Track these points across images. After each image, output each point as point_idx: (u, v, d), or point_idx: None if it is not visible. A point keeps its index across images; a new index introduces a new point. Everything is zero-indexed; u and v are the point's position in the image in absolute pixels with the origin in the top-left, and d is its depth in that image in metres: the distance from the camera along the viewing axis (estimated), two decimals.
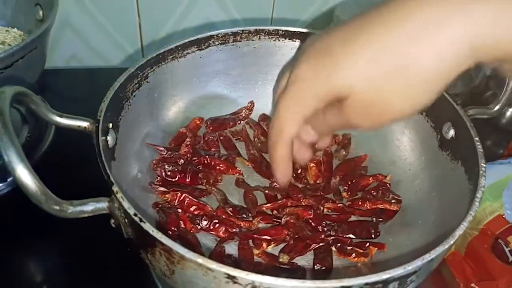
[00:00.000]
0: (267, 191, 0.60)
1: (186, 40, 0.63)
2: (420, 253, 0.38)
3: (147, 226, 0.37)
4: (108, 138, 0.50)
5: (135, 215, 0.38)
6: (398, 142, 0.66)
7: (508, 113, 0.84)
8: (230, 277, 0.35)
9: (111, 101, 0.52)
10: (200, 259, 0.35)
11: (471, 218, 0.41)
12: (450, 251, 0.61)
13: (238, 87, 0.72)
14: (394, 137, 0.67)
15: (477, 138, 0.50)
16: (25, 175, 0.33)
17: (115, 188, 0.40)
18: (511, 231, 0.58)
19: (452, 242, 0.39)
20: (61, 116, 0.46)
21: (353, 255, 0.52)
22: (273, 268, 0.51)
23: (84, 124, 0.47)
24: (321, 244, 0.54)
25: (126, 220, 0.40)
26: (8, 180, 0.67)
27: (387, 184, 0.62)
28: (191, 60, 0.65)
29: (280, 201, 0.59)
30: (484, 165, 0.46)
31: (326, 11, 0.96)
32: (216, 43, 0.67)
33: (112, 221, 0.41)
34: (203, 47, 0.66)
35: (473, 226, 0.59)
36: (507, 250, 0.57)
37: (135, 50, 0.96)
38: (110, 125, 0.51)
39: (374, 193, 0.61)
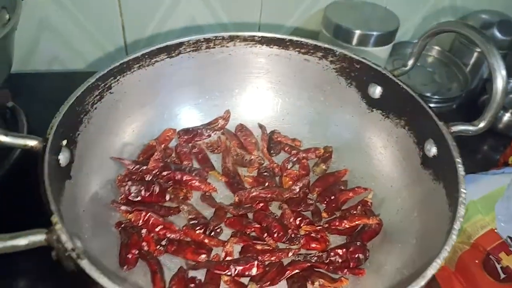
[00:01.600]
0: (231, 209, 0.56)
1: (154, 48, 0.60)
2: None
3: (85, 264, 0.34)
4: (60, 157, 0.46)
5: (73, 249, 0.34)
6: (381, 156, 0.63)
7: (505, 118, 0.80)
8: None
9: (65, 117, 0.48)
10: None
11: (446, 255, 0.37)
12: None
13: (213, 96, 0.68)
14: (377, 151, 0.63)
15: (459, 160, 0.46)
16: None
17: (54, 219, 0.36)
18: (503, 246, 0.54)
19: (423, 283, 0.35)
20: (6, 135, 0.43)
21: (323, 286, 0.49)
22: None
23: (31, 143, 0.44)
24: (295, 272, 0.50)
25: (66, 254, 0.36)
26: None
27: (369, 203, 0.59)
28: (160, 68, 0.62)
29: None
30: (465, 191, 0.43)
31: (313, 13, 0.92)
32: (188, 50, 0.63)
33: (53, 253, 0.37)
34: (173, 54, 0.62)
35: (464, 240, 0.56)
36: (498, 266, 0.53)
37: (118, 51, 0.92)
38: (64, 142, 0.48)
39: (354, 211, 0.58)
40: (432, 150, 0.52)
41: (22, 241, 0.34)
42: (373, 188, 0.60)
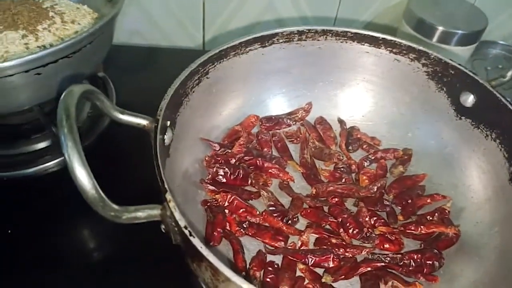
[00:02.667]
0: (308, 201, 0.58)
1: (250, 37, 0.62)
2: None
3: (196, 242, 0.37)
4: (165, 136, 0.50)
5: (186, 227, 0.38)
6: (464, 166, 0.62)
7: None
8: None
9: (171, 99, 0.52)
10: (246, 286, 0.34)
11: None
12: None
13: (297, 87, 0.70)
14: (460, 160, 0.63)
15: None
16: (85, 181, 0.34)
17: (168, 196, 0.40)
18: None
19: None
20: (122, 113, 0.47)
21: (396, 287, 0.50)
22: None
23: (143, 122, 0.48)
24: (369, 269, 0.52)
25: (176, 229, 0.40)
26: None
27: (446, 211, 0.59)
28: (253, 57, 0.64)
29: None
30: None
31: (390, 7, 0.89)
32: (281, 41, 0.64)
33: (163, 226, 0.41)
34: (266, 44, 0.64)
35: None
36: None
37: (196, 30, 0.95)
38: (168, 123, 0.51)
39: (430, 218, 0.58)
40: None
41: (142, 214, 0.38)
42: (452, 197, 0.60)
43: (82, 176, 0.34)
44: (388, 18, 0.92)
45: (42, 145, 0.70)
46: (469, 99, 0.60)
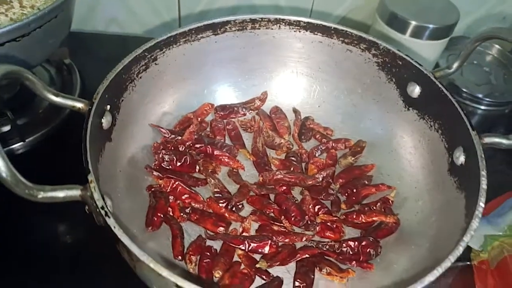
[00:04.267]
0: (254, 188, 0.59)
1: (201, 24, 0.62)
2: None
3: (111, 222, 0.38)
4: (103, 120, 0.50)
5: (102, 208, 0.38)
6: (410, 157, 0.62)
7: None
8: (178, 287, 0.35)
9: (112, 83, 0.52)
10: (152, 264, 0.35)
11: (448, 265, 0.38)
12: (480, 259, 0.58)
13: (252, 76, 0.70)
14: (407, 150, 0.63)
15: (483, 172, 0.46)
16: None
17: (90, 177, 0.40)
18: None
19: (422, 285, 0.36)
20: (57, 95, 0.47)
21: (330, 274, 0.51)
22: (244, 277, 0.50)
23: (78, 105, 0.48)
24: (306, 256, 0.53)
25: (98, 210, 0.40)
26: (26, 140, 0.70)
27: (390, 201, 0.59)
28: (205, 44, 0.64)
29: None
30: (482, 206, 0.42)
31: (365, 2, 0.90)
32: (233, 29, 0.64)
33: (86, 207, 0.42)
34: (219, 32, 0.64)
35: None
36: None
37: (173, 21, 0.95)
38: (108, 107, 0.52)
39: (373, 207, 0.59)
40: (460, 158, 0.52)
41: (60, 193, 0.39)
42: (397, 187, 0.61)
43: None
44: (362, 15, 0.92)
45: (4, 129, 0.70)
46: (415, 90, 0.60)
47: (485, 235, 0.60)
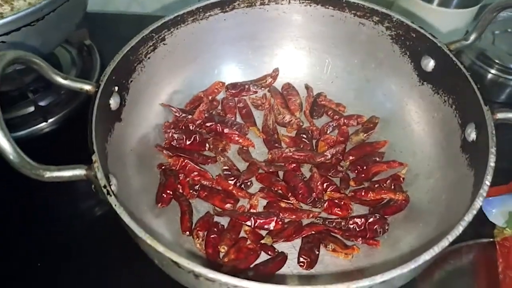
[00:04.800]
0: (263, 166, 0.59)
1: (209, 2, 0.62)
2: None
3: (112, 200, 0.39)
4: (111, 101, 0.52)
5: (105, 186, 0.40)
6: (424, 133, 0.61)
7: None
8: (175, 263, 0.36)
9: (119, 65, 0.53)
10: (149, 240, 0.37)
11: (446, 244, 0.37)
12: (504, 236, 0.57)
13: (263, 53, 0.69)
14: (421, 127, 0.61)
15: (493, 149, 0.44)
16: (4, 144, 0.37)
17: (94, 157, 0.42)
18: None
19: (413, 266, 0.36)
20: (64, 79, 0.49)
21: (335, 251, 0.51)
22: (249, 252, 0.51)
23: (86, 87, 0.49)
24: (311, 233, 0.53)
25: (101, 188, 0.42)
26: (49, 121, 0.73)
27: (401, 178, 0.58)
28: (214, 22, 0.64)
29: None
30: (488, 184, 0.41)
31: None
32: (242, 5, 0.64)
33: (93, 186, 0.44)
34: (227, 9, 0.63)
35: None
36: None
37: None
38: (116, 88, 0.53)
39: (383, 184, 0.58)
40: (471, 135, 0.50)
41: (66, 173, 0.41)
42: (409, 164, 0.59)
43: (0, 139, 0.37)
44: None
45: (29, 110, 0.73)
46: (429, 64, 0.58)
47: (510, 212, 0.59)
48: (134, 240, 0.43)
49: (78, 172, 0.41)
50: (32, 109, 0.72)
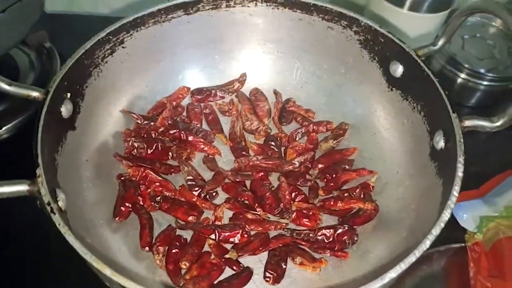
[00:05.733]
0: (229, 175, 0.57)
1: (171, 4, 0.59)
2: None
3: (56, 218, 0.36)
4: (63, 108, 0.48)
5: (48, 203, 0.37)
6: (394, 140, 0.59)
7: None
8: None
9: (72, 69, 0.50)
10: (95, 263, 0.33)
11: (413, 260, 0.35)
12: (475, 241, 0.56)
13: (230, 57, 0.67)
14: (391, 133, 0.60)
15: (461, 159, 0.43)
16: None
17: (38, 171, 0.39)
18: None
19: (378, 285, 0.34)
20: (10, 85, 0.45)
21: (302, 264, 0.49)
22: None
23: (34, 94, 0.46)
24: (278, 245, 0.51)
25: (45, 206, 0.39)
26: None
27: (371, 187, 0.57)
28: (177, 24, 0.61)
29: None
30: (456, 195, 0.39)
31: None
32: (207, 7, 0.61)
33: (38, 202, 0.40)
34: (191, 11, 0.61)
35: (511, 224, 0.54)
36: None
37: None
38: (68, 95, 0.50)
39: (353, 193, 0.56)
40: (440, 142, 0.49)
41: (6, 189, 0.37)
42: (379, 172, 0.58)
43: None
44: None
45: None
46: (398, 69, 0.57)
47: (480, 216, 0.58)
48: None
49: (20, 187, 0.38)
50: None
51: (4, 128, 0.67)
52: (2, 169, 0.57)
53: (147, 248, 0.50)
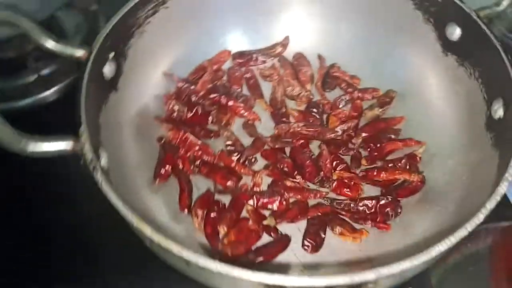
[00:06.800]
0: (269, 141, 0.55)
1: None
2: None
3: (98, 176, 0.36)
4: (106, 69, 0.48)
5: (91, 161, 0.37)
6: (446, 109, 0.56)
7: None
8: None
9: (115, 29, 0.49)
10: (136, 223, 0.34)
11: (464, 234, 0.33)
12: None
13: (273, 19, 0.64)
14: (444, 102, 0.56)
15: None
16: None
17: (81, 129, 0.39)
18: None
19: (425, 258, 0.32)
20: (57, 42, 0.45)
21: (342, 234, 0.48)
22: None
23: (78, 53, 0.46)
24: (317, 214, 0.50)
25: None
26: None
27: (418, 158, 0.54)
28: None
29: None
30: None
31: None
32: None
33: (81, 161, 0.41)
34: None
35: None
36: None
37: None
38: (111, 54, 0.49)
39: (398, 164, 0.53)
40: (498, 111, 0.45)
41: (50, 146, 0.38)
42: (427, 143, 0.55)
43: None
44: None
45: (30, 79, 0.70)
46: (455, 32, 0.53)
47: None
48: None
49: (63, 145, 0.38)
50: (33, 77, 0.69)
51: (52, 90, 0.68)
52: (51, 131, 0.59)
53: (186, 211, 0.50)
